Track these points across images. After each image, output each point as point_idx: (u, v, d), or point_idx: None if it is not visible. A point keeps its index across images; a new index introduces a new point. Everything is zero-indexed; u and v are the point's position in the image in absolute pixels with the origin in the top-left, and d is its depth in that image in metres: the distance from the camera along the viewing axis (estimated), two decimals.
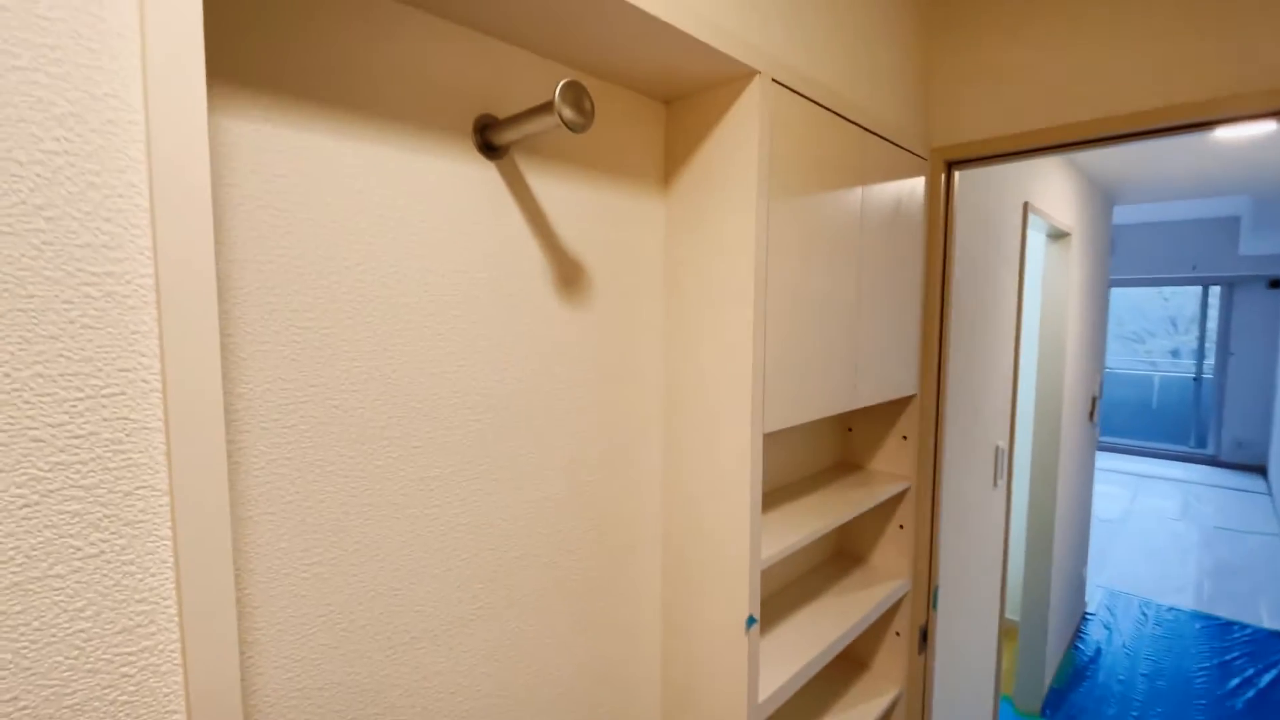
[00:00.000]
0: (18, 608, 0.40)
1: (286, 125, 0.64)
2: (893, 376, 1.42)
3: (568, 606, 0.98)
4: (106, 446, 0.43)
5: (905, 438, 1.57)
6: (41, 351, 0.40)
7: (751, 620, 1.01)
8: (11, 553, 0.40)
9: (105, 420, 0.42)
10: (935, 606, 1.66)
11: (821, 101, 1.08)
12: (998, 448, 2.17)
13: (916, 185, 1.45)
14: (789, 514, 1.29)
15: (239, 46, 0.60)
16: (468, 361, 0.82)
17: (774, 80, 0.96)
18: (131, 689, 0.45)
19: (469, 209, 0.81)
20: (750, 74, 0.94)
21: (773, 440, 1.45)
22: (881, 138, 1.28)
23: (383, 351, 0.73)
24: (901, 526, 1.60)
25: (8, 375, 0.39)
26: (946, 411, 1.60)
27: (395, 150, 0.73)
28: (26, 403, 0.40)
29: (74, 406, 0.41)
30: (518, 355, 0.88)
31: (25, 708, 0.41)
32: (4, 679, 0.40)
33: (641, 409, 1.07)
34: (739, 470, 0.99)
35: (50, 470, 0.41)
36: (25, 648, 0.41)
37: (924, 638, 1.64)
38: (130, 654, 0.44)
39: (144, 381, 0.44)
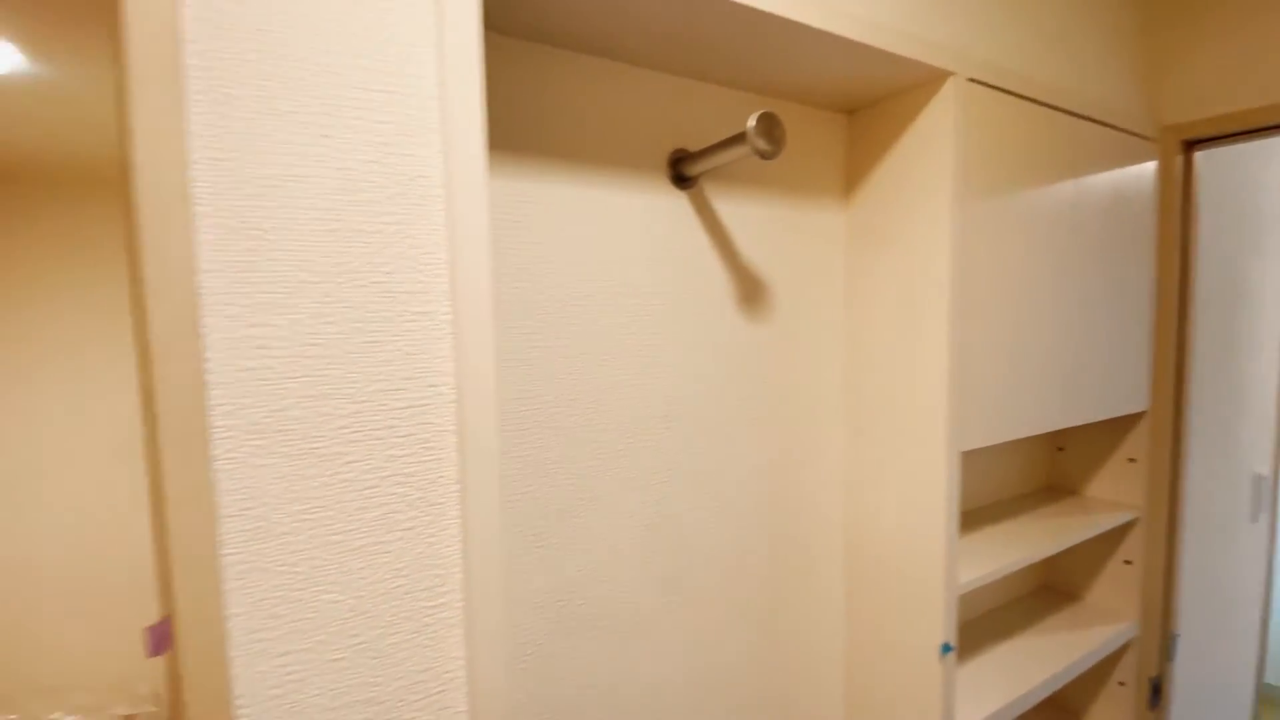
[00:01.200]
0: (362, 565, 0.54)
1: (522, 178, 0.76)
2: (1116, 390, 1.26)
3: (748, 611, 1.01)
4: (421, 444, 0.55)
5: (1132, 460, 1.37)
6: (380, 373, 0.54)
7: (947, 647, 0.96)
8: (361, 522, 0.53)
9: (420, 424, 0.55)
10: (1172, 657, 1.42)
11: (1021, 92, 1.00)
12: (1257, 475, 1.79)
13: (1143, 171, 1.27)
14: (987, 538, 1.20)
15: (493, 119, 0.74)
16: (658, 375, 0.90)
17: (969, 79, 0.92)
18: (430, 636, 0.57)
19: (662, 237, 0.89)
20: (942, 76, 0.90)
21: (969, 458, 1.35)
22: (1095, 121, 1.15)
23: (589, 366, 0.83)
24: (1128, 562, 1.40)
25: (361, 391, 0.53)
26: (1188, 431, 1.37)
27: (602, 190, 0.83)
28: (373, 412, 0.53)
29: (400, 414, 0.55)
30: (701, 369, 0.94)
31: (363, 643, 0.54)
32: (350, 620, 0.54)
33: (821, 421, 1.07)
34: (933, 489, 0.95)
35: (386, 461, 0.54)
36: (364, 596, 0.54)
37: (1156, 692, 1.41)
38: (429, 607, 0.57)
39: (444, 395, 0.56)
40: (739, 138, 0.76)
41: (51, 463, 2.17)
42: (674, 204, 0.89)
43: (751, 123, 0.73)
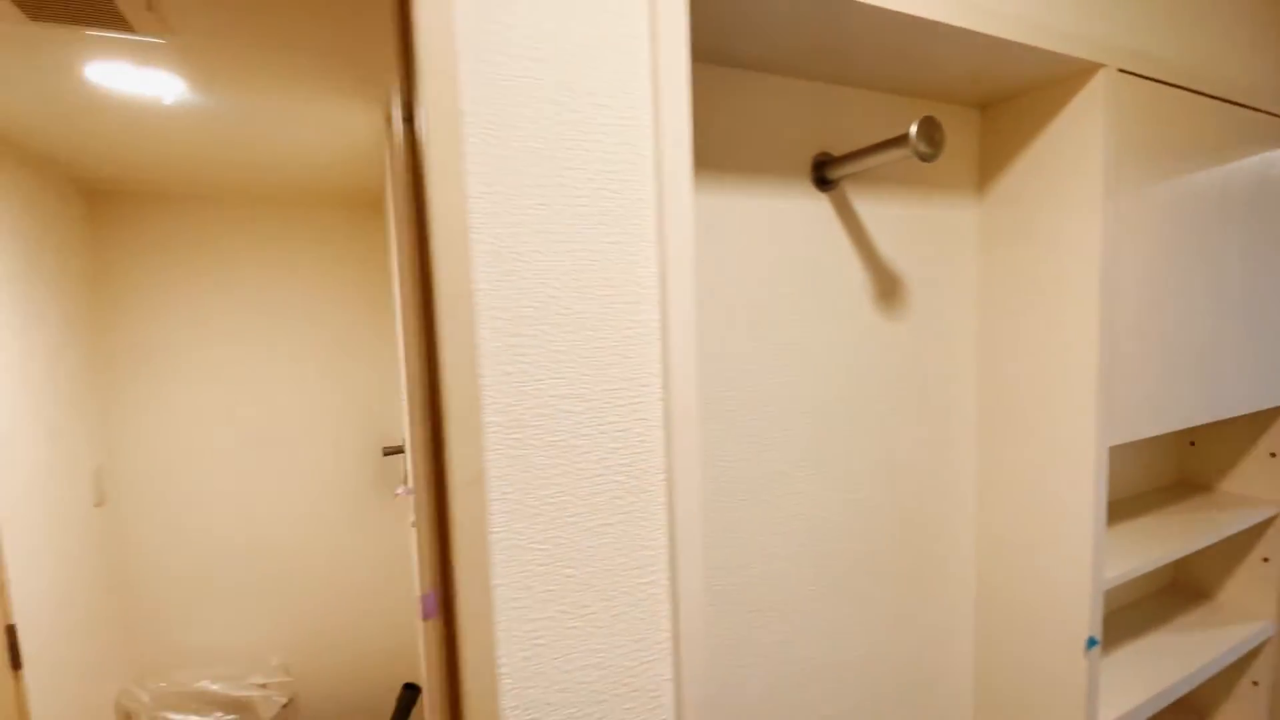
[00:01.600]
0: (591, 543, 0.61)
1: (699, 191, 0.82)
2: (1260, 383, 1.21)
3: (883, 599, 1.04)
4: (636, 437, 0.62)
5: (1274, 455, 1.31)
6: (606, 376, 0.60)
7: (1093, 641, 0.97)
8: (591, 506, 0.60)
9: (636, 419, 0.62)
10: None
11: (1171, 80, 0.98)
12: None
13: None
14: (1124, 534, 1.19)
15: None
16: (802, 371, 0.94)
17: (1120, 70, 0.91)
18: (644, 609, 0.63)
19: (804, 239, 0.93)
20: (1092, 68, 0.90)
21: None
22: (1244, 106, 1.10)
23: (745, 363, 0.88)
24: (1266, 560, 1.34)
25: (590, 391, 0.59)
26: None
27: (757, 197, 0.87)
28: (599, 410, 0.60)
29: (620, 410, 0.61)
30: (839, 365, 0.97)
31: (592, 614, 0.61)
32: (582, 593, 0.60)
33: (955, 415, 1.09)
34: (1079, 484, 0.96)
35: (609, 453, 0.61)
36: (593, 571, 0.61)
37: None
38: (642, 583, 0.63)
39: (654, 393, 0.62)
40: (897, 141, 0.78)
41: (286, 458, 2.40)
42: (816, 206, 0.93)
43: (914, 129, 0.76)
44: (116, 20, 1.08)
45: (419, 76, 0.50)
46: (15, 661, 1.63)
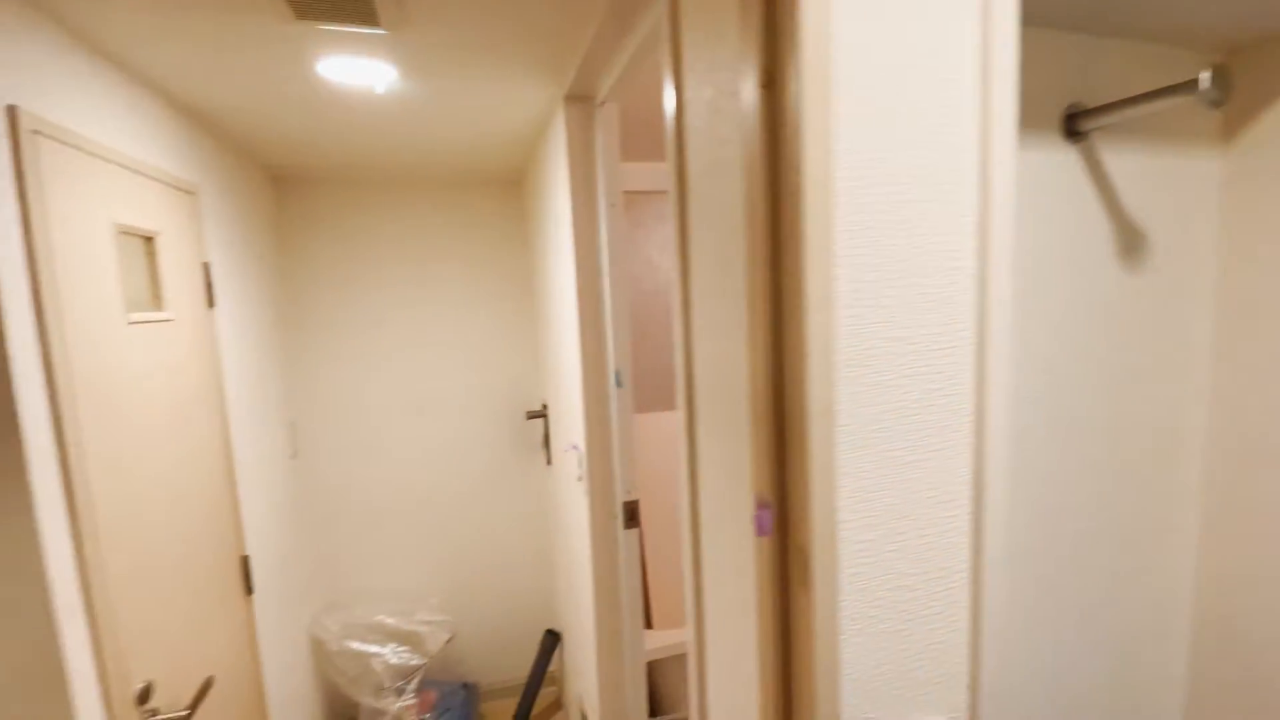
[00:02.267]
0: (907, 476, 0.65)
1: None
2: None
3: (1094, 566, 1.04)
4: (947, 380, 0.66)
5: None
6: (926, 320, 0.64)
7: None
8: (909, 441, 0.65)
9: (949, 362, 0.65)
10: None
11: None
12: None
13: None
14: None
15: None
16: (1040, 324, 0.94)
17: None
18: (947, 540, 0.68)
19: (1049, 191, 0.92)
20: None
21: None
22: None
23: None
24: None
25: (914, 335, 0.64)
26: None
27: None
28: (920, 352, 0.64)
29: (937, 353, 0.65)
30: (1076, 320, 0.97)
31: (904, 540, 0.66)
32: (897, 522, 0.65)
33: (1195, 376, 1.05)
34: None
35: (925, 393, 0.65)
36: (907, 502, 0.66)
37: None
38: (947, 516, 0.68)
39: (967, 338, 0.66)
40: (1179, 88, 0.77)
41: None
42: (1064, 157, 0.92)
43: (1207, 75, 0.74)
44: (369, 16, 1.20)
45: (797, 43, 0.54)
46: (248, 587, 1.90)
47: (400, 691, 2.40)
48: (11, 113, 1.04)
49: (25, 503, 1.00)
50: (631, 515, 1.83)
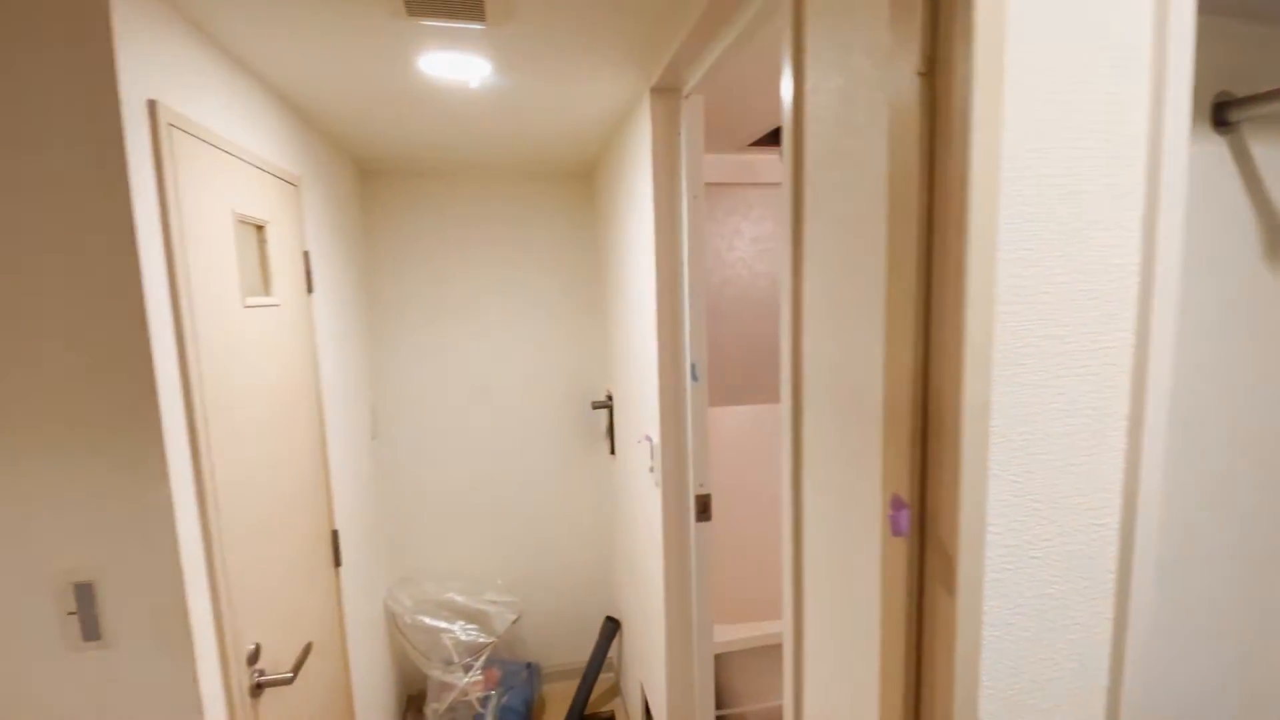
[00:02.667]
0: (1058, 481, 0.63)
1: None
2: None
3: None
4: (1104, 382, 0.63)
5: None
6: (1085, 318, 0.61)
7: None
8: (1057, 444, 0.62)
9: (1105, 364, 0.63)
10: None
11: None
12: None
13: None
14: None
15: None
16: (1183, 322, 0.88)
17: None
18: (1094, 549, 0.65)
19: (1194, 184, 0.86)
20: None
21: None
22: None
23: None
24: None
25: (1072, 333, 0.61)
26: None
27: None
28: (1076, 352, 0.62)
29: (1094, 354, 0.62)
30: (1215, 320, 0.91)
31: (1050, 546, 0.64)
32: (1041, 526, 0.63)
33: None
34: None
35: (1079, 395, 0.62)
36: (1056, 510, 0.63)
37: None
38: (1096, 524, 0.65)
39: (1126, 340, 0.63)
40: None
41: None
42: (1212, 149, 0.86)
43: None
44: (476, 11, 1.23)
45: (970, 28, 0.52)
46: (337, 560, 1.99)
47: (468, 667, 2.48)
48: (152, 107, 1.12)
49: (162, 471, 1.08)
50: (704, 508, 1.83)
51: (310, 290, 1.83)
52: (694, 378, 1.78)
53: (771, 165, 2.85)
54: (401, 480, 2.73)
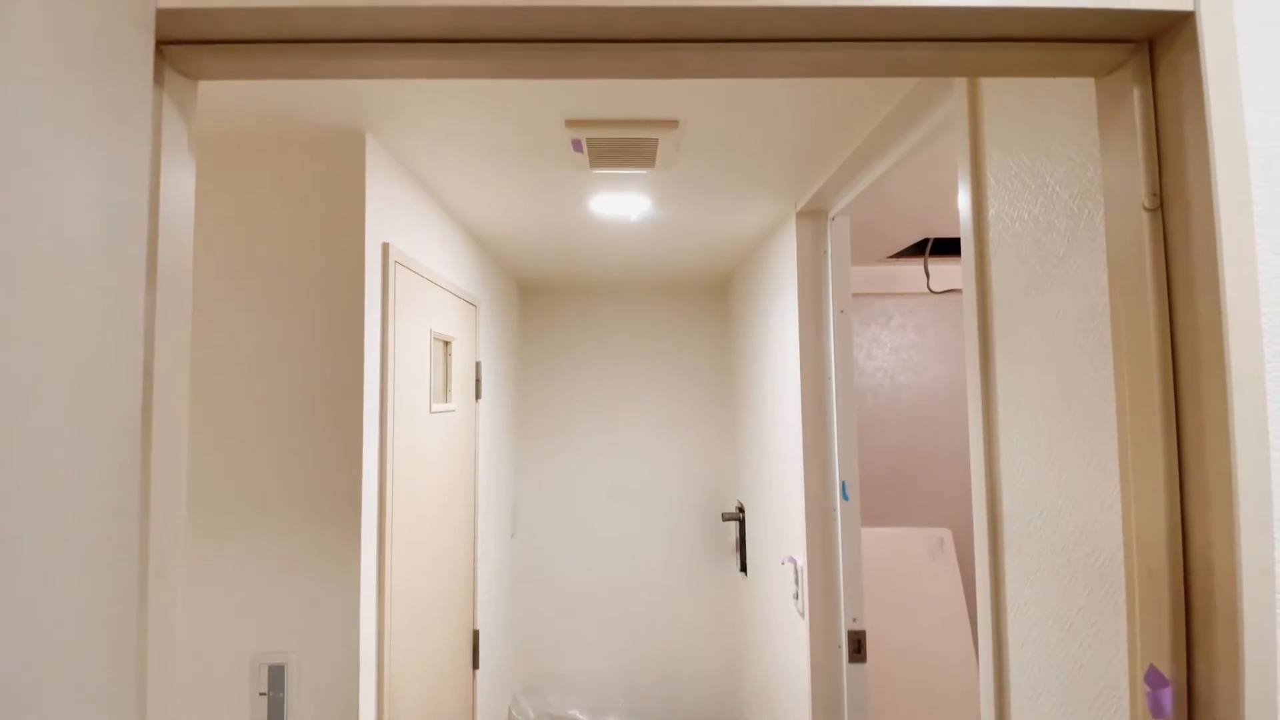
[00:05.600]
0: None
1: None
2: None
3: None
4: None
5: None
6: None
7: None
8: None
9: None
10: None
11: None
12: None
13: None
14: None
15: None
16: None
17: None
18: None
19: None
20: None
21: None
22: None
23: None
24: None
25: None
26: None
27: None
28: None
29: None
30: None
31: None
32: None
33: None
34: None
35: None
36: None
37: None
38: None
39: None
40: None
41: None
42: None
43: None
44: (649, 160, 1.39)
45: (1209, 162, 0.51)
46: (475, 662, 2.02)
47: None
48: (385, 248, 1.35)
49: (355, 566, 1.19)
50: (858, 647, 1.67)
51: (478, 397, 2.02)
52: (844, 496, 1.69)
53: (913, 276, 2.80)
54: (532, 583, 2.77)
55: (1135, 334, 0.56)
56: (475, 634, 2.00)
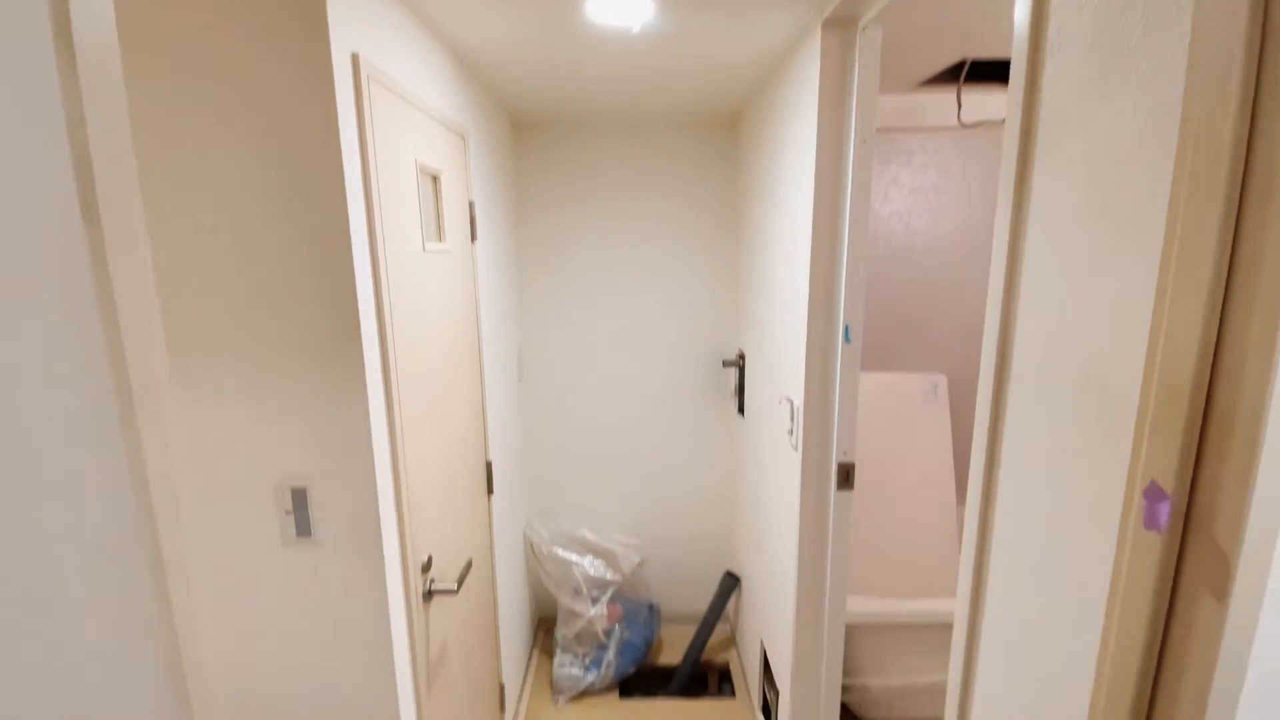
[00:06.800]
0: None
1: None
2: None
3: None
4: None
5: None
6: None
7: None
8: None
9: None
10: None
11: None
12: None
13: None
14: None
15: None
16: None
17: None
18: None
19: None
20: None
21: None
22: None
23: None
24: None
25: None
26: None
27: None
28: None
29: None
30: None
31: None
32: None
33: None
34: None
35: None
36: None
37: None
38: None
39: None
40: None
41: None
42: None
43: None
44: None
45: None
46: (490, 489, 2.16)
47: (594, 600, 2.64)
48: (355, 59, 1.20)
49: (363, 395, 1.20)
50: (846, 477, 1.76)
51: (474, 239, 1.94)
52: (846, 339, 1.69)
53: (942, 107, 2.56)
54: (540, 422, 2.89)
55: (1209, 120, 0.49)
56: (489, 465, 2.12)
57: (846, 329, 1.69)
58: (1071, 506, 0.69)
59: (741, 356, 2.67)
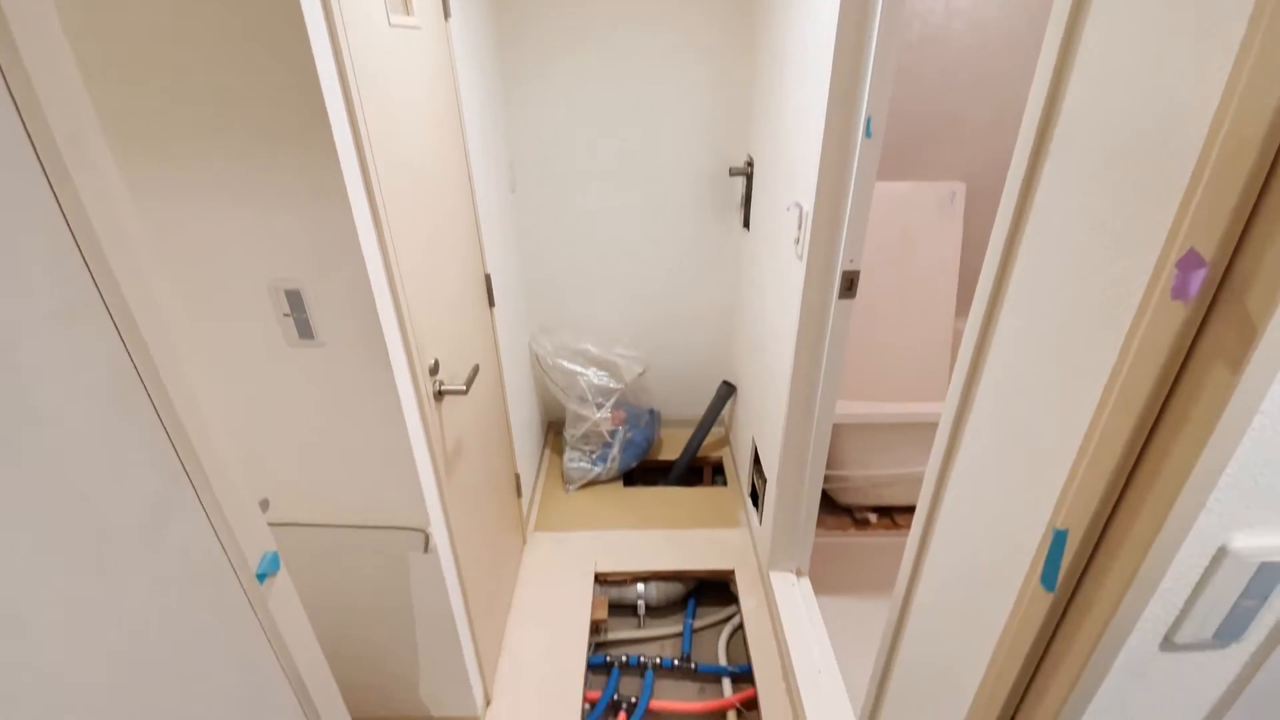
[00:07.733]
0: None
1: None
2: None
3: None
4: None
5: None
6: None
7: None
8: None
9: None
10: None
11: None
12: None
13: None
14: None
15: None
16: None
17: None
18: None
19: None
20: None
21: None
22: None
23: None
24: None
25: None
26: None
27: None
28: None
29: None
30: None
31: None
32: None
33: None
34: None
35: None
36: None
37: None
38: None
39: None
40: None
41: None
42: None
43: None
44: None
45: None
46: (491, 300, 2.16)
47: (599, 406, 2.79)
48: None
49: (340, 189, 1.12)
50: (850, 285, 1.73)
51: (447, 16, 1.69)
52: (868, 134, 1.54)
53: None
54: (539, 234, 2.81)
55: None
56: (487, 277, 2.10)
57: (868, 121, 1.53)
58: (1086, 299, 0.66)
59: (750, 164, 2.50)
